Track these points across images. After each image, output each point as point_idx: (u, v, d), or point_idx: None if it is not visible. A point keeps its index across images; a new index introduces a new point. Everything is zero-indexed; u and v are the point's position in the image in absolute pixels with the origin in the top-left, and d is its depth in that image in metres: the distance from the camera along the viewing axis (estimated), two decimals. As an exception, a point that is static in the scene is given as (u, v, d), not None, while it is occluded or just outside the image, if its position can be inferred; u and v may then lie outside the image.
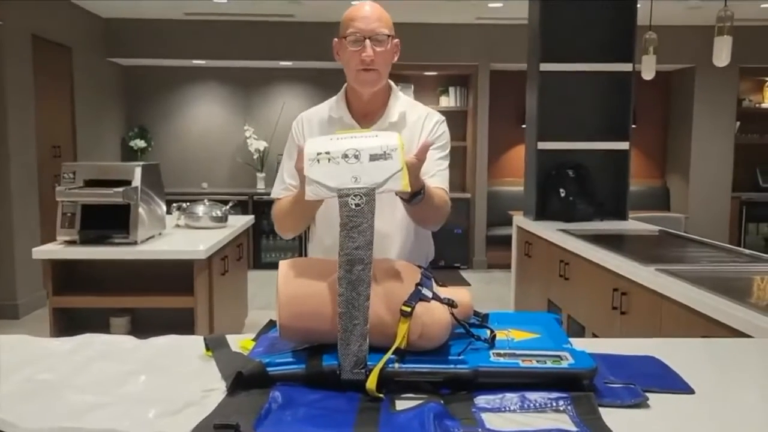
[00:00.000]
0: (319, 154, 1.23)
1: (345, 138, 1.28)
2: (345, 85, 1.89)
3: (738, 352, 1.64)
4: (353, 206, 1.18)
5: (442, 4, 6.08)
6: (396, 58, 1.84)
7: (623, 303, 2.77)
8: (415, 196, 1.57)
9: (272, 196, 1.93)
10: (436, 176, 1.80)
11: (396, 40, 1.80)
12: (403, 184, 1.21)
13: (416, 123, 1.87)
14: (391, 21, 1.79)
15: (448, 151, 1.90)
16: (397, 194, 1.50)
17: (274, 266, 6.14)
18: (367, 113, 1.86)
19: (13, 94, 5.11)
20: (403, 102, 1.90)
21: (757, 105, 7.67)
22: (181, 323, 3.16)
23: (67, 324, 3.23)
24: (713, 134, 7.37)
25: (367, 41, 1.73)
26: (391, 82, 1.90)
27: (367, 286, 1.21)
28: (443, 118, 1.93)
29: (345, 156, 1.22)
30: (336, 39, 1.81)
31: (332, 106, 1.90)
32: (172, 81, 7.67)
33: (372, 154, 1.22)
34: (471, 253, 7.44)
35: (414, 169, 1.47)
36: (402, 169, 1.22)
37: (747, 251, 3.15)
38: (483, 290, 6.28)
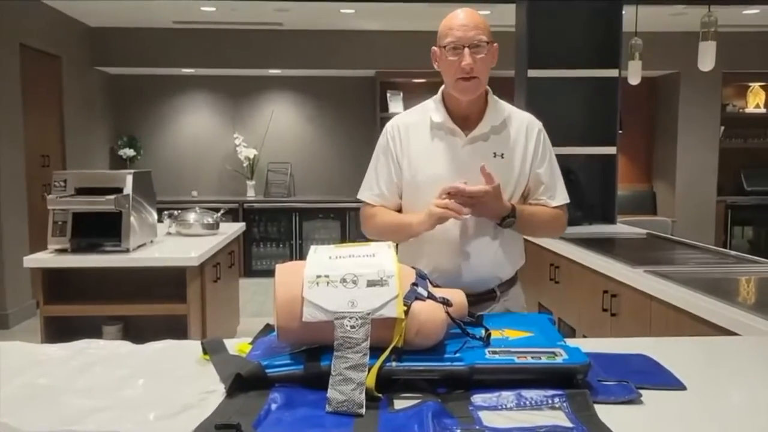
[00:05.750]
0: (318, 277, 1.28)
1: (344, 258, 1.33)
2: (441, 88, 1.90)
3: (727, 349, 1.67)
4: (348, 327, 1.23)
5: (430, 12, 6.12)
6: (494, 64, 1.83)
7: (613, 305, 2.80)
8: (504, 220, 1.75)
9: (361, 197, 1.95)
10: (556, 195, 1.89)
11: (495, 45, 1.80)
12: (398, 311, 1.25)
13: (519, 131, 1.87)
14: (488, 26, 1.79)
15: (553, 156, 1.92)
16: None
17: (264, 274, 6.12)
18: (466, 117, 1.86)
19: (1, 103, 5.09)
20: (502, 106, 1.90)
21: (740, 110, 7.77)
22: (174, 331, 3.14)
23: (59, 333, 3.20)
24: (698, 139, 7.46)
25: (466, 50, 1.74)
26: (487, 87, 1.89)
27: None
28: (541, 123, 1.93)
29: (343, 281, 1.27)
30: (434, 48, 1.83)
31: (431, 110, 1.89)
32: (160, 89, 7.66)
33: (369, 280, 1.28)
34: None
35: (491, 196, 1.68)
36: (397, 296, 1.26)
37: (733, 253, 3.20)
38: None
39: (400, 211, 1.93)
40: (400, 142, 1.89)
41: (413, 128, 1.90)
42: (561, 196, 1.91)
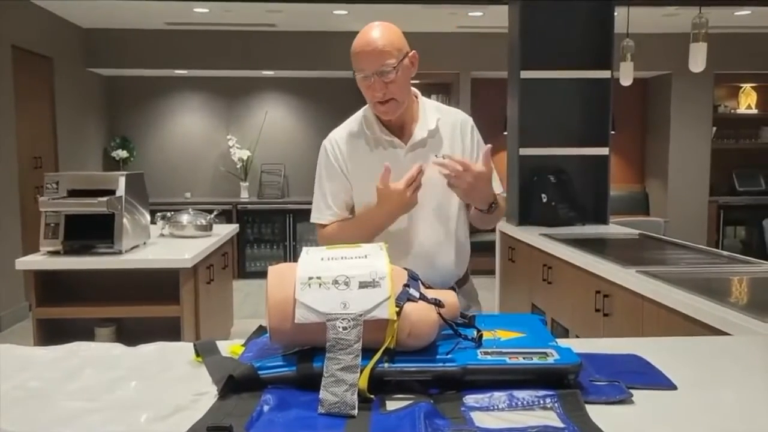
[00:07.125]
0: (310, 278, 1.28)
1: (336, 259, 1.33)
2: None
3: (717, 349, 1.67)
4: (340, 329, 1.23)
5: (423, 13, 6.13)
6: (414, 71, 1.84)
7: (606, 305, 2.81)
8: (490, 206, 1.82)
9: (315, 221, 1.95)
10: (494, 186, 1.89)
11: (411, 54, 1.81)
12: (390, 312, 1.25)
13: (453, 130, 1.91)
14: (398, 40, 1.78)
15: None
16: (476, 207, 1.85)
17: (259, 275, 6.15)
18: (401, 126, 1.88)
19: (-8, 105, 5.08)
20: (434, 108, 1.93)
21: (732, 111, 7.82)
22: (167, 332, 3.14)
23: (52, 335, 3.20)
24: (690, 140, 7.50)
25: (374, 78, 1.74)
26: (414, 90, 1.90)
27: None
28: (471, 119, 1.98)
29: (335, 282, 1.27)
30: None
31: (366, 125, 1.88)
32: (154, 91, 7.65)
33: (362, 281, 1.27)
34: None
35: (483, 178, 1.72)
36: (389, 298, 1.26)
37: (725, 253, 3.21)
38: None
39: None
40: (342, 157, 1.89)
41: (352, 144, 1.90)
42: (499, 188, 1.97)
